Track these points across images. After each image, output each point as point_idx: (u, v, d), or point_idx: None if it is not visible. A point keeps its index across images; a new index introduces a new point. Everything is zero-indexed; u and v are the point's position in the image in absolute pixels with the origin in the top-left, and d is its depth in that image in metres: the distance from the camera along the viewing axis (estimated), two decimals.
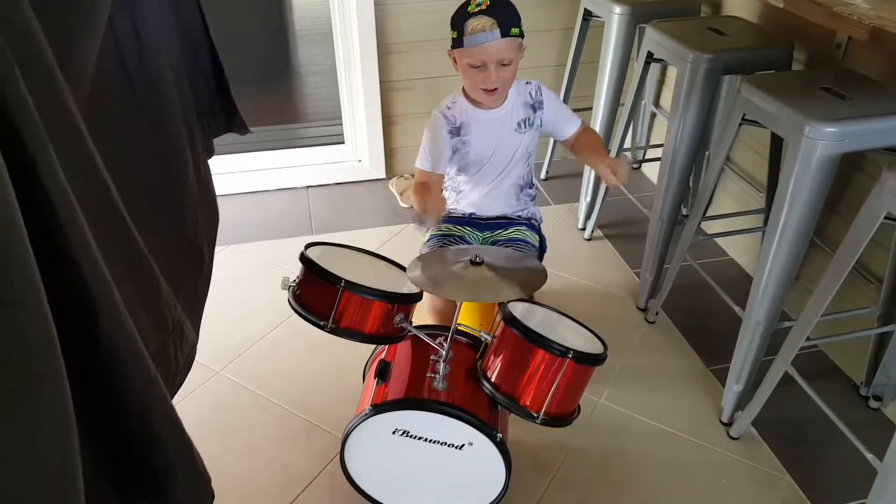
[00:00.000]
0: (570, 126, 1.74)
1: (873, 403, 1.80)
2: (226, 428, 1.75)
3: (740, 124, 1.64)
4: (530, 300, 1.55)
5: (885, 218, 1.25)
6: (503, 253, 1.53)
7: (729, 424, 1.75)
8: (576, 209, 2.64)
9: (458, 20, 1.54)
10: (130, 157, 1.05)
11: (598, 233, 2.56)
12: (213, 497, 1.03)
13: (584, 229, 2.56)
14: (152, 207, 1.12)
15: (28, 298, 0.56)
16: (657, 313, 2.11)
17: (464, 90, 1.68)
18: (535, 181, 1.82)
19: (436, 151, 1.66)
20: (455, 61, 1.60)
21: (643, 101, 2.79)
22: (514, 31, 1.53)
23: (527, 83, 1.72)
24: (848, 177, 1.81)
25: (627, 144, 2.96)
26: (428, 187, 1.60)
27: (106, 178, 0.84)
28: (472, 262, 1.34)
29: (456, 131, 1.66)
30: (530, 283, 1.36)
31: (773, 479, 1.63)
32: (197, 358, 1.88)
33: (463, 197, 1.77)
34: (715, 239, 2.45)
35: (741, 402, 1.72)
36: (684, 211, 2.46)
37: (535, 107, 1.69)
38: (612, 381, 1.90)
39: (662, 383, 1.91)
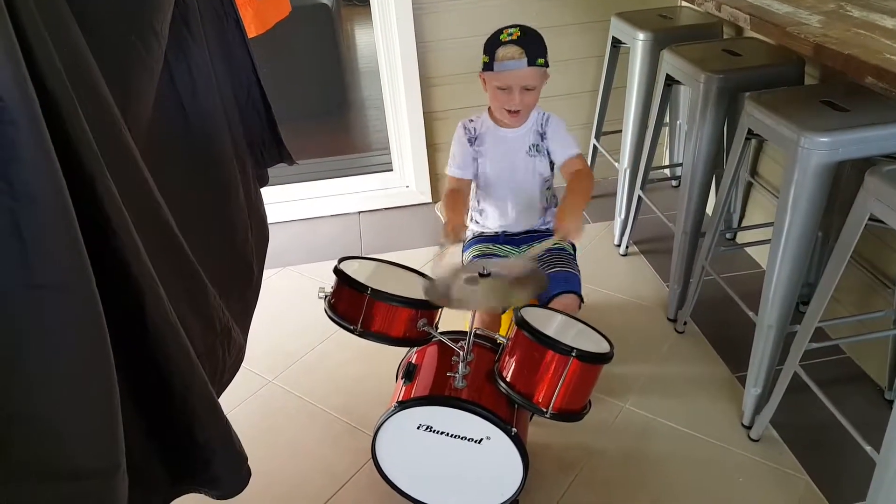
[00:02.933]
0: (561, 153, 1.81)
1: None
2: (275, 430, 1.93)
3: (747, 138, 1.73)
4: (551, 309, 1.67)
5: (870, 219, 1.32)
6: (510, 261, 1.65)
7: (749, 427, 1.80)
8: (612, 226, 2.73)
9: (491, 46, 1.72)
10: (184, 182, 1.24)
11: (634, 248, 2.65)
12: (249, 474, 1.17)
13: (619, 245, 2.65)
14: (204, 226, 1.30)
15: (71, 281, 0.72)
16: (685, 323, 2.18)
17: (489, 110, 1.84)
18: (557, 202, 1.95)
19: (459, 157, 1.84)
20: (484, 82, 1.78)
21: (678, 122, 2.88)
22: (540, 61, 1.70)
23: (543, 113, 1.86)
24: None
25: (666, 161, 3.06)
26: (457, 197, 1.78)
27: (157, 198, 1.03)
28: (481, 275, 1.48)
29: (473, 140, 1.84)
30: (533, 289, 1.49)
31: (792, 479, 1.68)
32: (251, 368, 2.10)
33: (486, 217, 1.91)
34: (748, 251, 2.51)
35: (759, 404, 1.78)
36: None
37: (543, 136, 1.83)
38: (638, 388, 1.98)
39: (688, 390, 1.98)
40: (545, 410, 1.43)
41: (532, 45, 1.69)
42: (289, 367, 2.15)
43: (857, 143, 1.49)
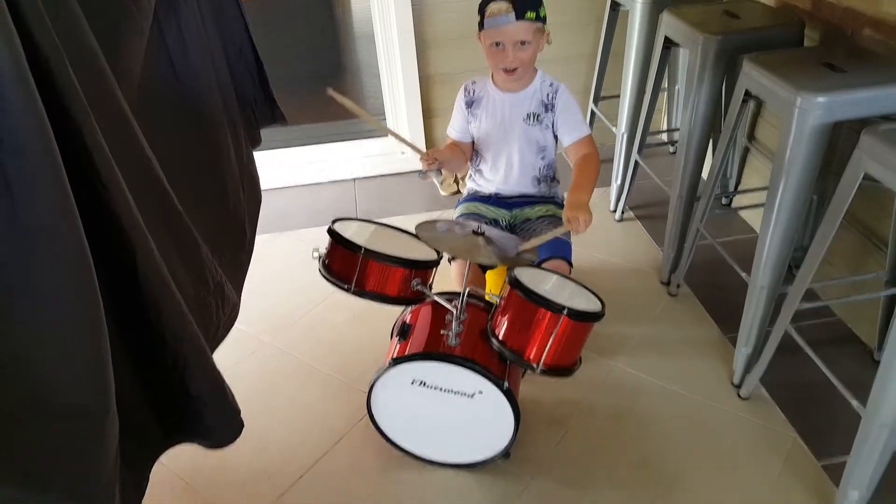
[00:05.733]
0: (569, 136, 1.81)
1: None
2: (272, 389, 1.95)
3: (744, 100, 1.73)
4: (540, 267, 1.69)
5: (865, 178, 1.33)
6: (506, 235, 1.67)
7: (739, 386, 1.83)
8: (608, 192, 2.73)
9: (482, 5, 1.72)
10: (175, 140, 1.25)
11: (630, 214, 2.65)
12: (241, 426, 1.17)
13: (615, 211, 2.66)
14: (195, 185, 1.30)
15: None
16: (678, 286, 2.20)
17: (493, 74, 1.83)
18: (557, 176, 1.95)
19: (457, 121, 1.87)
20: (482, 44, 1.76)
21: (677, 87, 2.87)
22: (530, 14, 1.68)
23: (551, 84, 1.83)
24: None
25: (663, 127, 3.05)
26: (452, 146, 1.84)
27: (148, 154, 1.03)
28: (474, 233, 1.49)
29: (470, 104, 1.84)
30: (511, 261, 1.53)
31: (780, 435, 1.71)
32: (247, 329, 2.12)
33: (481, 177, 1.92)
34: (743, 216, 2.52)
35: (749, 364, 1.80)
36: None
37: (548, 107, 1.82)
38: (630, 349, 2.01)
39: (679, 350, 2.00)
40: (536, 366, 1.45)
41: None
42: (285, 328, 2.17)
43: (854, 103, 1.49)
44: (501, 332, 1.50)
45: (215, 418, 1.14)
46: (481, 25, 1.72)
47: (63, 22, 0.80)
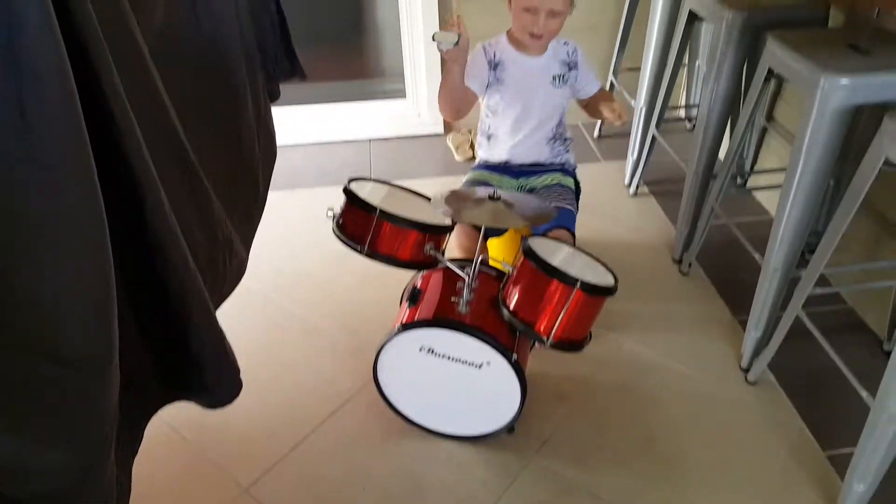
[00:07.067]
0: (593, 87, 1.89)
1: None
2: (277, 346, 1.96)
3: (766, 79, 1.70)
4: (559, 240, 1.67)
5: (886, 164, 1.31)
6: (520, 195, 1.66)
7: (747, 370, 1.83)
8: (623, 166, 2.71)
9: None
10: (193, 88, 1.22)
11: (644, 189, 2.63)
12: (240, 386, 1.15)
13: (629, 185, 2.63)
14: (211, 136, 1.29)
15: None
16: (690, 265, 2.18)
17: (508, 34, 1.81)
18: (569, 134, 1.93)
19: (473, 73, 1.78)
20: (510, 3, 1.74)
21: (697, 62, 2.82)
22: None
23: (565, 43, 1.84)
24: None
25: (682, 103, 3.01)
26: None
27: (165, 101, 1.01)
28: (490, 198, 1.48)
29: (493, 65, 1.80)
30: (539, 217, 1.50)
31: (785, 423, 1.71)
32: (255, 286, 2.12)
33: (496, 143, 1.89)
34: (757, 197, 2.49)
35: (759, 348, 1.80)
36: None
37: (571, 66, 1.82)
38: (639, 326, 2.00)
39: (688, 329, 2.00)
40: (546, 339, 1.45)
41: None
42: (294, 286, 2.17)
43: (878, 86, 1.46)
44: (513, 303, 1.49)
45: (215, 377, 1.11)
46: None
47: None
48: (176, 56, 1.14)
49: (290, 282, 2.19)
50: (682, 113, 3.02)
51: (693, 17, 2.10)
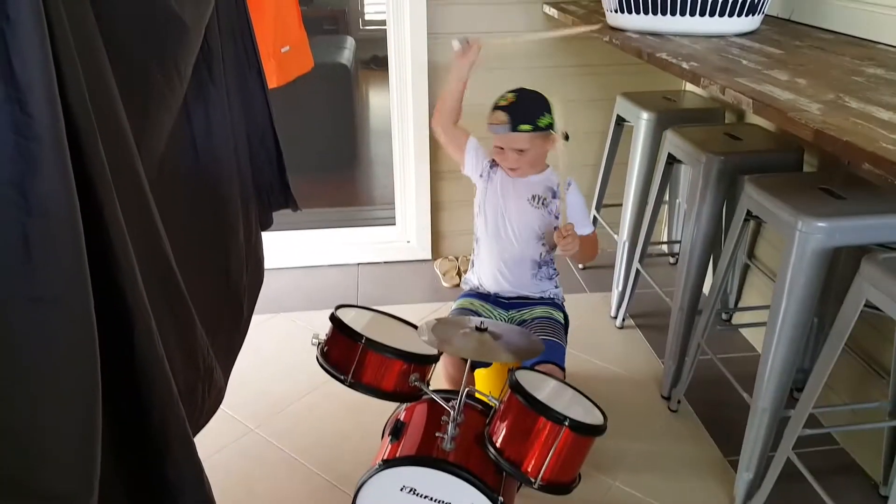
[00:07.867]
0: (581, 231, 1.82)
1: None
2: (251, 480, 1.88)
3: (745, 220, 1.75)
4: (546, 374, 1.65)
5: (866, 306, 1.33)
6: (508, 326, 1.66)
7: None
8: (609, 298, 2.73)
9: (492, 108, 1.78)
10: (187, 217, 1.25)
11: (630, 322, 2.64)
12: None
13: (615, 317, 2.65)
14: (200, 264, 1.30)
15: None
16: (679, 402, 2.16)
17: None
18: (554, 267, 1.95)
19: (473, 153, 1.91)
20: None
21: (678, 200, 2.92)
22: (524, 127, 1.73)
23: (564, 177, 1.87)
24: None
25: (664, 238, 3.09)
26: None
27: (160, 229, 1.03)
28: (478, 328, 1.47)
29: (492, 163, 1.87)
30: (526, 352, 1.48)
31: None
32: (234, 414, 2.06)
33: (481, 268, 1.91)
34: (743, 333, 2.51)
35: (751, 490, 1.74)
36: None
37: (555, 194, 1.84)
38: (628, 465, 1.94)
39: (679, 470, 1.94)
40: (534, 480, 1.40)
41: (519, 112, 1.73)
42: (273, 415, 2.11)
43: (854, 230, 1.52)
44: (499, 440, 1.45)
45: None
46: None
47: (100, 95, 0.82)
48: (173, 186, 1.17)
49: (270, 411, 2.13)
50: (664, 248, 3.09)
51: (672, 160, 2.20)
